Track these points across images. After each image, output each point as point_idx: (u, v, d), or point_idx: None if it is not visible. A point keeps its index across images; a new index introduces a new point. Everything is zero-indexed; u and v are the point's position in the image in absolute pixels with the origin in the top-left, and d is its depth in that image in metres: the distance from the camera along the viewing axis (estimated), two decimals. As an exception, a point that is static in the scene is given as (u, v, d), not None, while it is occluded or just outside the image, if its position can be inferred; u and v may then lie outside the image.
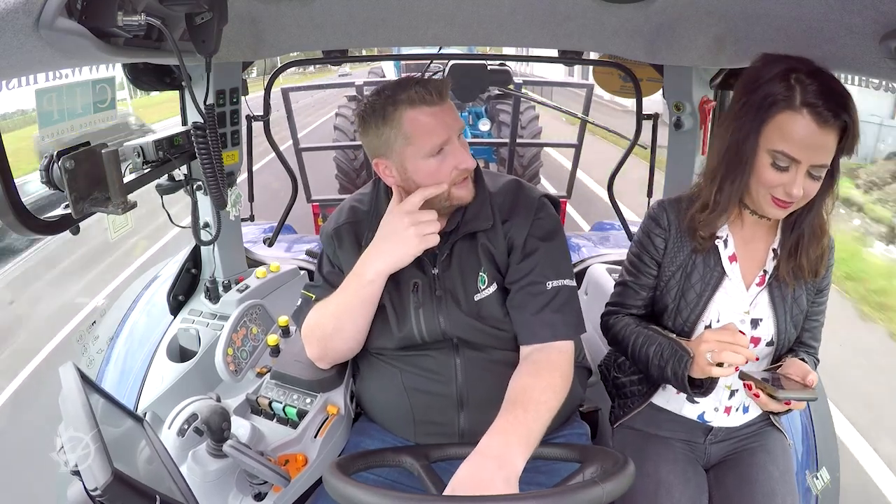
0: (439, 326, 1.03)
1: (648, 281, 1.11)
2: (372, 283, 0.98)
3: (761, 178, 0.93)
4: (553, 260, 1.03)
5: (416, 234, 0.93)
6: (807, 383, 0.94)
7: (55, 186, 0.83)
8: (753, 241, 1.05)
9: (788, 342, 1.07)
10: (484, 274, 1.03)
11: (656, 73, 1.65)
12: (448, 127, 0.94)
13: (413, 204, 0.94)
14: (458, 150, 0.96)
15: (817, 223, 1.00)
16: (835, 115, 0.85)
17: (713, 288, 1.05)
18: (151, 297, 1.75)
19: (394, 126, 0.94)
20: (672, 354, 0.99)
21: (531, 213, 1.05)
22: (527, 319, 1.00)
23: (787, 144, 0.89)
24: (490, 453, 0.79)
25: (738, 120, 0.94)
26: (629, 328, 1.09)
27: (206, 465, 0.95)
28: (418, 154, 0.94)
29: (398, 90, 0.94)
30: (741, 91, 0.95)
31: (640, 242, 1.11)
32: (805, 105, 0.86)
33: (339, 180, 5.59)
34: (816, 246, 1.01)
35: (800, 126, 0.87)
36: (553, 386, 0.92)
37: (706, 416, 1.12)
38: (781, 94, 0.88)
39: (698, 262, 1.05)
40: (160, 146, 1.16)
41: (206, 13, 0.85)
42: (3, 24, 0.52)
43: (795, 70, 0.88)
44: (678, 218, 1.06)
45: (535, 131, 6.00)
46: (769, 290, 1.05)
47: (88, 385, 0.75)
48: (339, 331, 1.04)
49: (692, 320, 1.06)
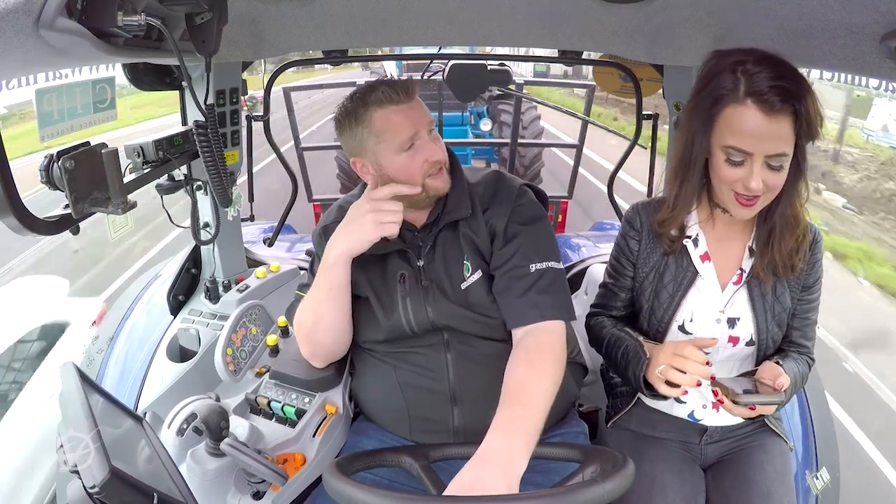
0: (427, 316, 1.04)
1: (627, 283, 1.11)
2: (335, 266, 1.00)
3: (719, 175, 0.93)
4: (536, 243, 1.04)
5: (373, 220, 0.97)
6: (775, 387, 0.92)
7: (55, 186, 0.83)
8: (728, 239, 1.05)
9: (773, 342, 1.06)
10: (468, 262, 1.05)
11: (656, 73, 1.65)
12: (415, 122, 0.99)
13: (381, 194, 0.98)
14: (427, 144, 1.00)
15: (789, 213, 0.97)
16: (782, 99, 0.84)
17: (685, 288, 1.05)
18: (151, 296, 1.75)
19: (365, 126, 0.99)
20: (634, 356, 0.99)
21: (511, 200, 1.07)
22: (512, 303, 1.01)
23: (736, 138, 0.88)
24: (494, 458, 0.79)
25: (691, 120, 0.94)
26: (605, 329, 1.10)
27: (204, 464, 0.95)
28: (390, 150, 0.99)
29: (368, 92, 0.99)
30: (693, 91, 0.95)
31: (618, 245, 1.12)
32: (749, 95, 0.85)
33: (340, 180, 5.59)
34: (790, 237, 0.99)
35: (746, 118, 0.86)
36: (547, 371, 0.92)
37: (696, 414, 1.12)
38: (727, 89, 0.87)
39: (671, 262, 1.06)
40: (160, 146, 1.16)
41: (206, 13, 0.86)
42: (3, 24, 0.52)
43: (742, 62, 0.87)
44: (649, 220, 1.07)
45: (537, 131, 6.01)
46: (748, 289, 1.04)
47: (88, 385, 0.75)
48: (318, 322, 1.06)
49: (665, 320, 1.06)
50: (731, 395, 0.91)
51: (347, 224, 1.00)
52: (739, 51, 0.89)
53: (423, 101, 1.03)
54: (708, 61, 0.93)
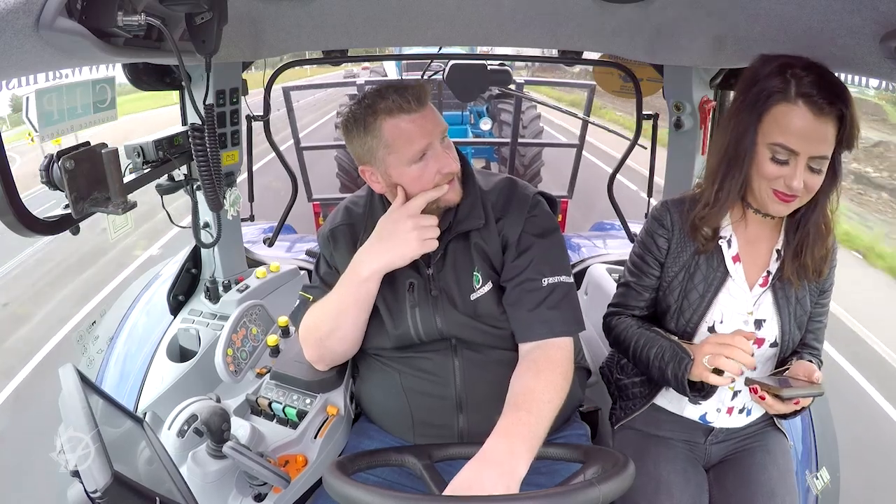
0: (436, 326, 1.03)
1: (651, 282, 1.10)
2: (367, 282, 0.98)
3: (762, 172, 0.93)
4: (548, 256, 1.03)
5: (417, 237, 0.94)
6: (813, 380, 0.94)
7: (55, 186, 0.83)
8: (757, 241, 1.05)
9: (793, 343, 1.06)
10: (478, 273, 1.03)
11: (656, 73, 1.65)
12: (428, 133, 0.95)
13: (416, 207, 0.95)
14: (440, 154, 0.97)
15: (822, 221, 1.00)
16: (830, 103, 0.86)
17: (716, 288, 1.04)
18: (151, 296, 1.75)
19: (375, 136, 0.95)
20: (673, 357, 0.99)
21: (525, 211, 1.05)
22: (523, 317, 1.00)
23: (785, 136, 0.89)
24: (493, 459, 0.79)
25: (737, 117, 0.95)
26: (631, 329, 1.09)
27: (205, 466, 0.95)
28: (401, 162, 0.96)
29: (377, 99, 0.95)
30: (739, 90, 0.96)
31: (642, 243, 1.10)
32: (800, 96, 0.87)
33: (340, 179, 5.59)
34: (821, 245, 1.01)
35: (796, 117, 0.88)
36: (554, 384, 0.92)
37: (708, 416, 1.12)
38: (777, 87, 0.89)
39: (701, 262, 1.05)
40: (160, 146, 1.16)
41: (206, 13, 0.85)
42: (3, 24, 0.52)
43: (791, 66, 0.89)
44: (681, 218, 1.06)
45: (537, 130, 6.01)
46: (773, 291, 1.04)
47: (88, 386, 0.75)
48: (335, 331, 1.04)
49: (695, 321, 1.06)
50: (773, 391, 0.92)
51: (385, 240, 0.96)
52: (786, 56, 0.91)
53: (434, 107, 0.99)
54: (754, 63, 0.95)
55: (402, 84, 0.97)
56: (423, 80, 2.38)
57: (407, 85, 0.97)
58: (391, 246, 0.95)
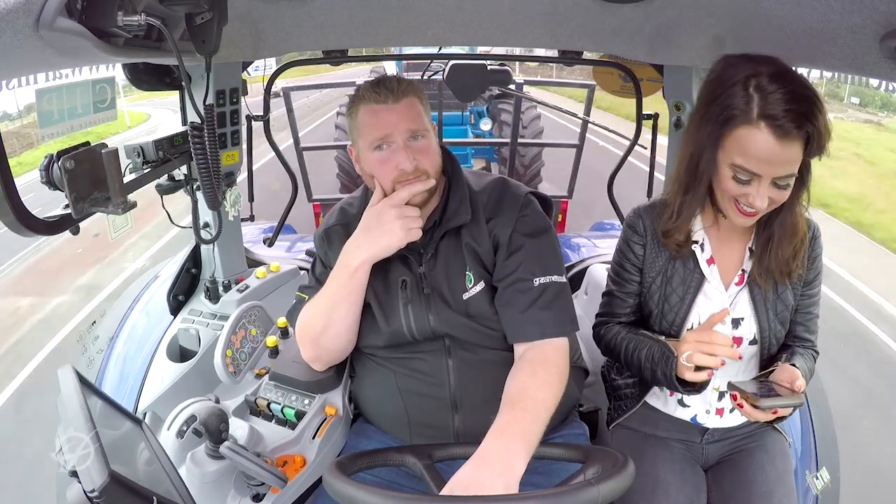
0: (429, 324, 1.03)
1: (633, 288, 1.10)
2: (357, 272, 0.99)
3: (723, 188, 0.92)
4: (540, 256, 1.03)
5: (402, 226, 0.96)
6: (794, 388, 0.91)
7: (55, 186, 0.83)
8: (730, 241, 1.05)
9: (776, 340, 1.06)
10: (470, 273, 1.04)
11: (656, 73, 1.65)
12: (390, 125, 0.98)
13: (400, 199, 0.97)
14: (399, 151, 0.99)
15: (790, 222, 0.97)
16: (797, 125, 0.81)
17: (694, 291, 1.04)
18: (151, 296, 1.74)
19: (354, 118, 1.03)
20: (661, 357, 0.99)
21: (516, 210, 1.05)
22: (515, 317, 1.00)
23: (746, 160, 0.85)
24: (491, 458, 0.79)
25: (698, 132, 0.92)
26: (619, 336, 1.09)
27: (204, 467, 0.95)
28: (365, 146, 1.01)
29: (364, 87, 1.02)
30: (701, 101, 0.92)
31: (620, 251, 1.11)
32: (763, 118, 0.82)
33: (340, 179, 5.58)
34: (787, 246, 0.99)
35: (758, 141, 0.83)
36: (550, 383, 0.92)
37: (699, 418, 1.12)
38: (739, 108, 0.84)
39: (678, 266, 1.05)
40: (160, 146, 1.16)
41: (206, 13, 0.85)
42: (3, 24, 0.52)
43: (756, 75, 0.84)
44: (654, 223, 1.06)
45: (537, 130, 6.00)
46: (749, 289, 1.04)
47: (87, 387, 0.75)
48: (328, 327, 1.05)
49: (678, 323, 1.06)
50: (751, 400, 0.90)
51: (370, 230, 0.98)
52: (751, 60, 0.86)
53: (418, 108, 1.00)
54: (716, 67, 0.90)
55: (391, 78, 1.01)
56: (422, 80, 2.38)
57: (392, 80, 1.01)
58: (377, 235, 0.97)
